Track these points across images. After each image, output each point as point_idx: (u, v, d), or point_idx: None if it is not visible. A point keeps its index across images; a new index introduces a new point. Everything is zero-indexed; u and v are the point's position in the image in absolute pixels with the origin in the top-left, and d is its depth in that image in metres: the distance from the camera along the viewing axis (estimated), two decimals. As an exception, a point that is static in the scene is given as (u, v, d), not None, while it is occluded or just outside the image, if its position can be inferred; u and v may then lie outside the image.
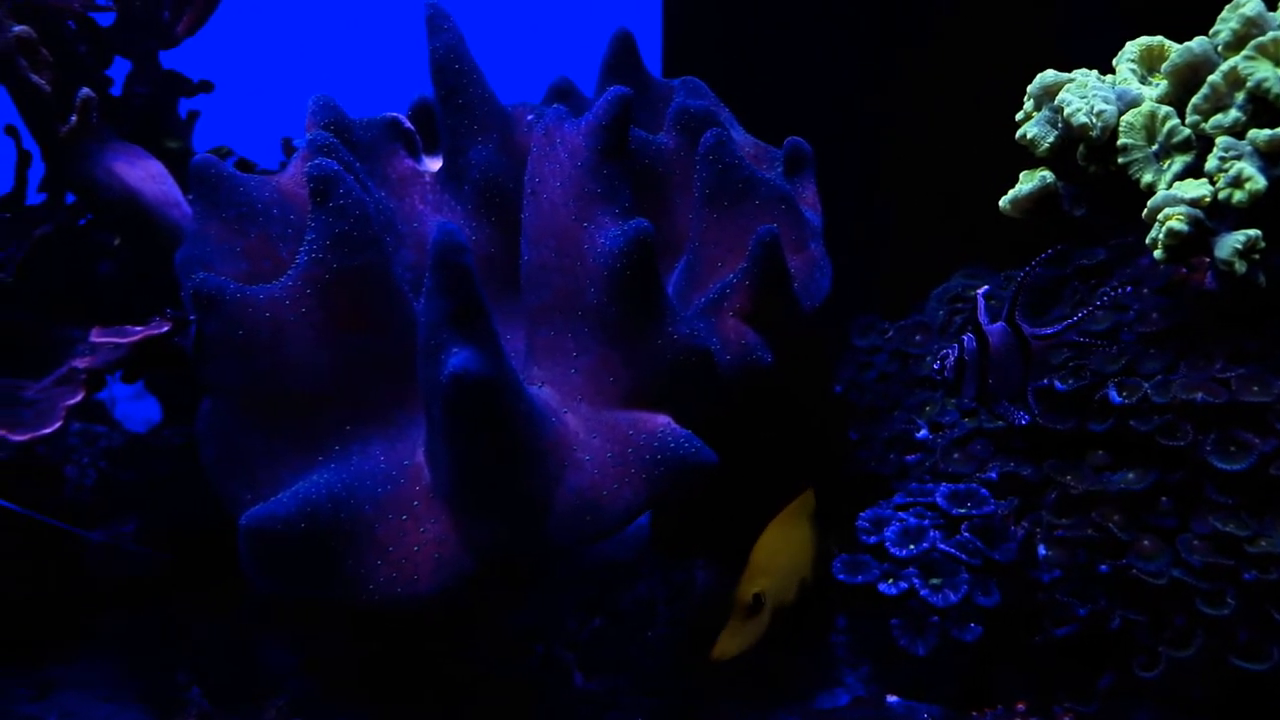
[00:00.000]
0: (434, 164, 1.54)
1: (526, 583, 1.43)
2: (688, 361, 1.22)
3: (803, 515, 1.40)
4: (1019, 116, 1.47)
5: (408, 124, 1.51)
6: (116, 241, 1.49)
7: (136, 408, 2.05)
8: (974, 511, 1.34)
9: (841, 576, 1.32)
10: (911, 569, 1.30)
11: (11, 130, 1.35)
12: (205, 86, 1.59)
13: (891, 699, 1.27)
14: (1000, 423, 1.39)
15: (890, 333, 1.59)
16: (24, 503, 1.40)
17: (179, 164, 1.50)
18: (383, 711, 1.37)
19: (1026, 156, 1.48)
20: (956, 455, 1.43)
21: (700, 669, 1.30)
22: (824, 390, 1.57)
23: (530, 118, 1.49)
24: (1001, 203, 1.47)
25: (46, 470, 1.50)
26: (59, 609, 1.46)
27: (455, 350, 1.09)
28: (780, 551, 1.35)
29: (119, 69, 1.57)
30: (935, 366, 1.30)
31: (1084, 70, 1.41)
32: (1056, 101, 1.38)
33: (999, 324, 1.29)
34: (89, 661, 1.44)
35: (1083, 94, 1.34)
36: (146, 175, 1.37)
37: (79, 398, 1.18)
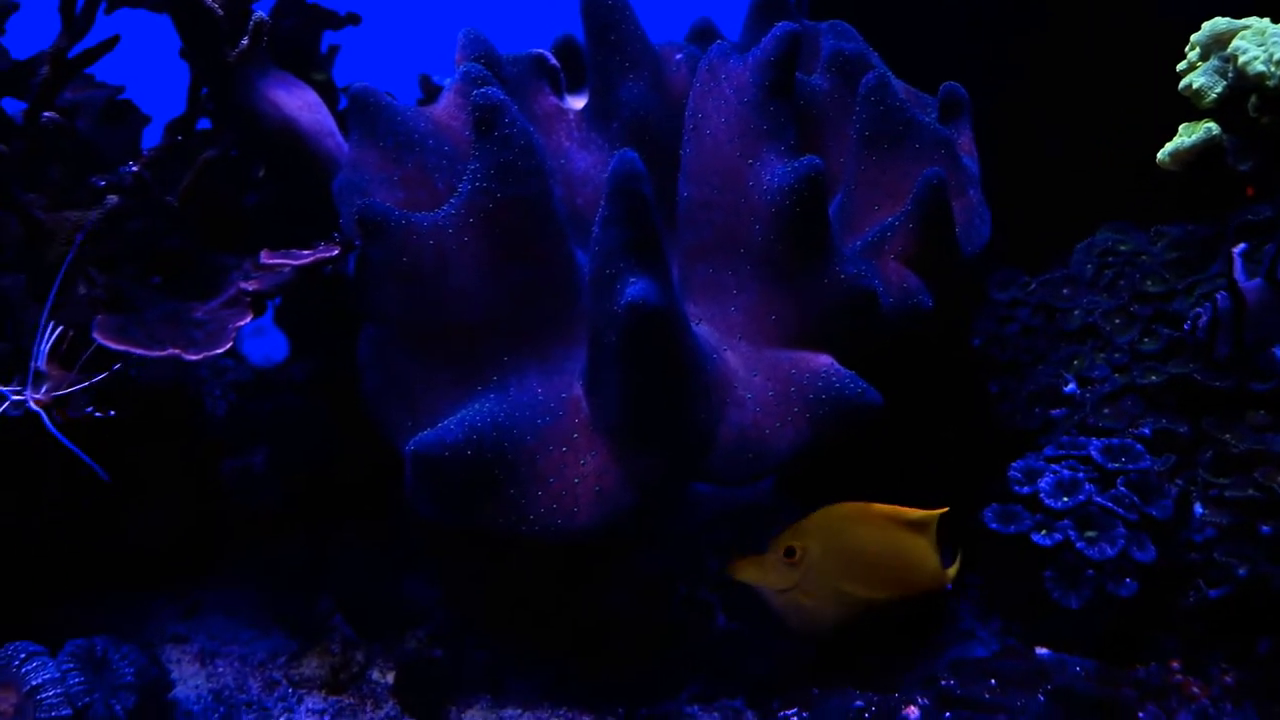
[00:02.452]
0: (576, 102, 1.53)
1: (665, 522, 1.43)
2: (854, 302, 1.21)
3: (913, 527, 1.26)
4: (1181, 66, 1.43)
5: (553, 61, 1.50)
6: (261, 173, 1.50)
7: (255, 345, 2.07)
8: (1129, 466, 1.31)
9: (994, 525, 1.30)
10: (1066, 521, 1.28)
11: (187, 54, 1.35)
12: (353, 19, 1.59)
13: (1041, 651, 1.25)
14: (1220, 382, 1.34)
15: (1033, 286, 1.56)
16: (176, 427, 1.43)
17: (324, 97, 1.50)
18: (522, 646, 1.38)
19: (1160, 108, 1.44)
20: (1107, 410, 1.40)
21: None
22: (966, 341, 1.55)
23: (679, 56, 1.47)
24: (1160, 155, 1.44)
25: (192, 398, 1.52)
26: (203, 537, 1.48)
27: (632, 280, 1.08)
28: (850, 534, 1.27)
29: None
30: (1186, 328, 1.27)
31: (1257, 18, 1.37)
32: (1229, 50, 1.34)
33: (1256, 281, 1.25)
34: (231, 588, 1.46)
35: (1260, 41, 1.31)
36: (303, 104, 1.37)
37: (247, 319, 1.19)
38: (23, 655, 1.15)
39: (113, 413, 1.15)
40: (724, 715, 1.29)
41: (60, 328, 1.17)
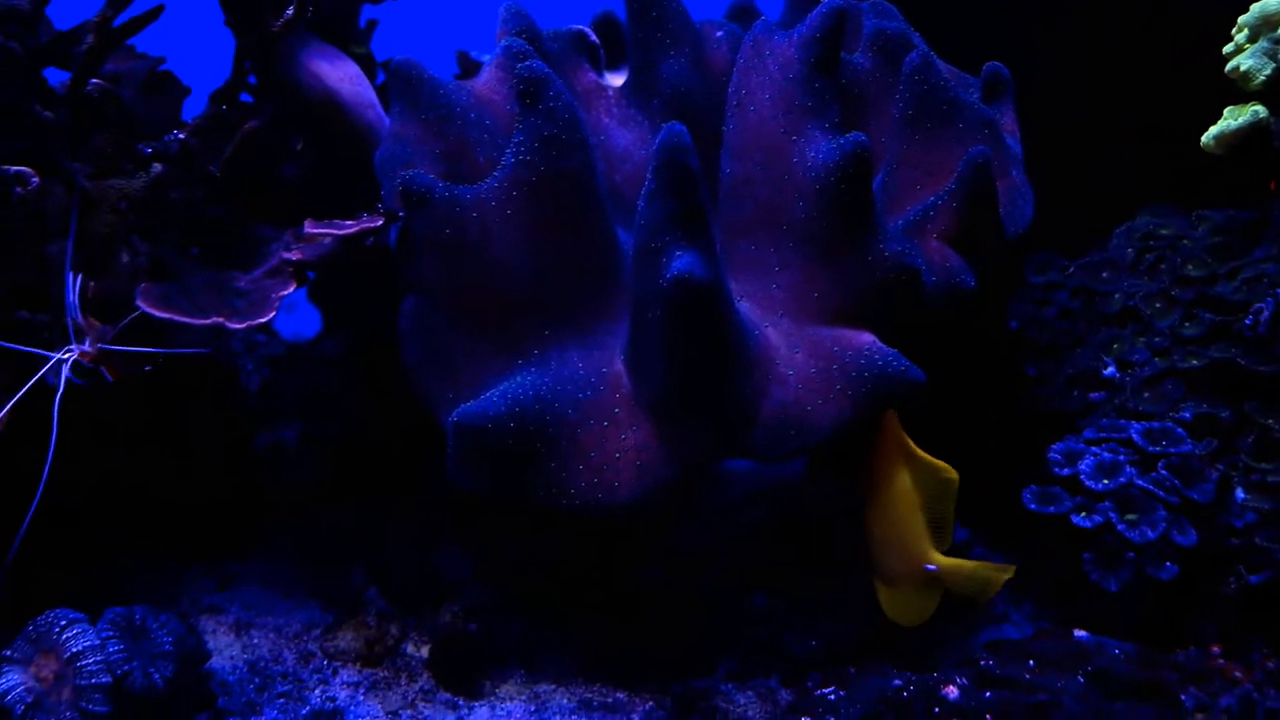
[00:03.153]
0: (615, 79, 1.52)
1: (701, 498, 1.43)
2: (897, 280, 1.20)
3: (921, 477, 1.22)
4: (1228, 49, 1.42)
5: (593, 37, 1.49)
6: (300, 145, 1.49)
7: (286, 320, 2.07)
8: (1171, 450, 1.31)
9: (1033, 507, 1.30)
10: (1107, 503, 1.27)
11: (231, 24, 1.35)
12: (394, -8, 1.59)
13: (1079, 633, 1.25)
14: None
15: (1071, 269, 1.55)
16: (212, 403, 1.43)
17: (363, 70, 1.50)
18: (556, 621, 1.38)
19: (1204, 90, 1.43)
20: (1147, 394, 1.39)
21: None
22: (1004, 323, 1.54)
23: (720, 34, 1.46)
24: (1204, 138, 1.43)
25: (227, 372, 1.52)
26: (237, 509, 1.48)
27: (679, 254, 1.08)
28: (878, 448, 1.22)
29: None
30: (1248, 322, 1.26)
31: (1307, 0, 1.35)
32: (1279, 31, 1.32)
33: None
34: (266, 561, 1.47)
35: (1311, 23, 1.29)
36: (345, 76, 1.37)
37: (290, 288, 1.19)
38: (63, 622, 1.16)
39: (148, 367, 1.17)
40: (759, 694, 1.29)
41: (81, 276, 1.17)
